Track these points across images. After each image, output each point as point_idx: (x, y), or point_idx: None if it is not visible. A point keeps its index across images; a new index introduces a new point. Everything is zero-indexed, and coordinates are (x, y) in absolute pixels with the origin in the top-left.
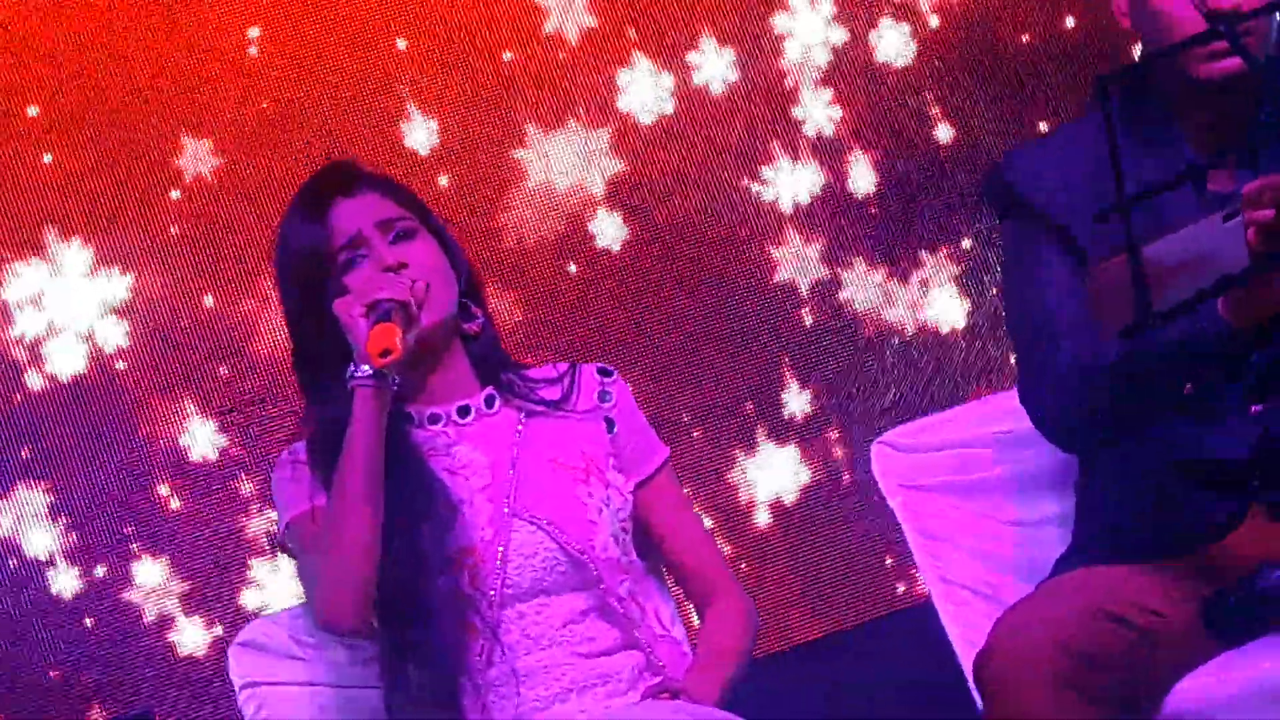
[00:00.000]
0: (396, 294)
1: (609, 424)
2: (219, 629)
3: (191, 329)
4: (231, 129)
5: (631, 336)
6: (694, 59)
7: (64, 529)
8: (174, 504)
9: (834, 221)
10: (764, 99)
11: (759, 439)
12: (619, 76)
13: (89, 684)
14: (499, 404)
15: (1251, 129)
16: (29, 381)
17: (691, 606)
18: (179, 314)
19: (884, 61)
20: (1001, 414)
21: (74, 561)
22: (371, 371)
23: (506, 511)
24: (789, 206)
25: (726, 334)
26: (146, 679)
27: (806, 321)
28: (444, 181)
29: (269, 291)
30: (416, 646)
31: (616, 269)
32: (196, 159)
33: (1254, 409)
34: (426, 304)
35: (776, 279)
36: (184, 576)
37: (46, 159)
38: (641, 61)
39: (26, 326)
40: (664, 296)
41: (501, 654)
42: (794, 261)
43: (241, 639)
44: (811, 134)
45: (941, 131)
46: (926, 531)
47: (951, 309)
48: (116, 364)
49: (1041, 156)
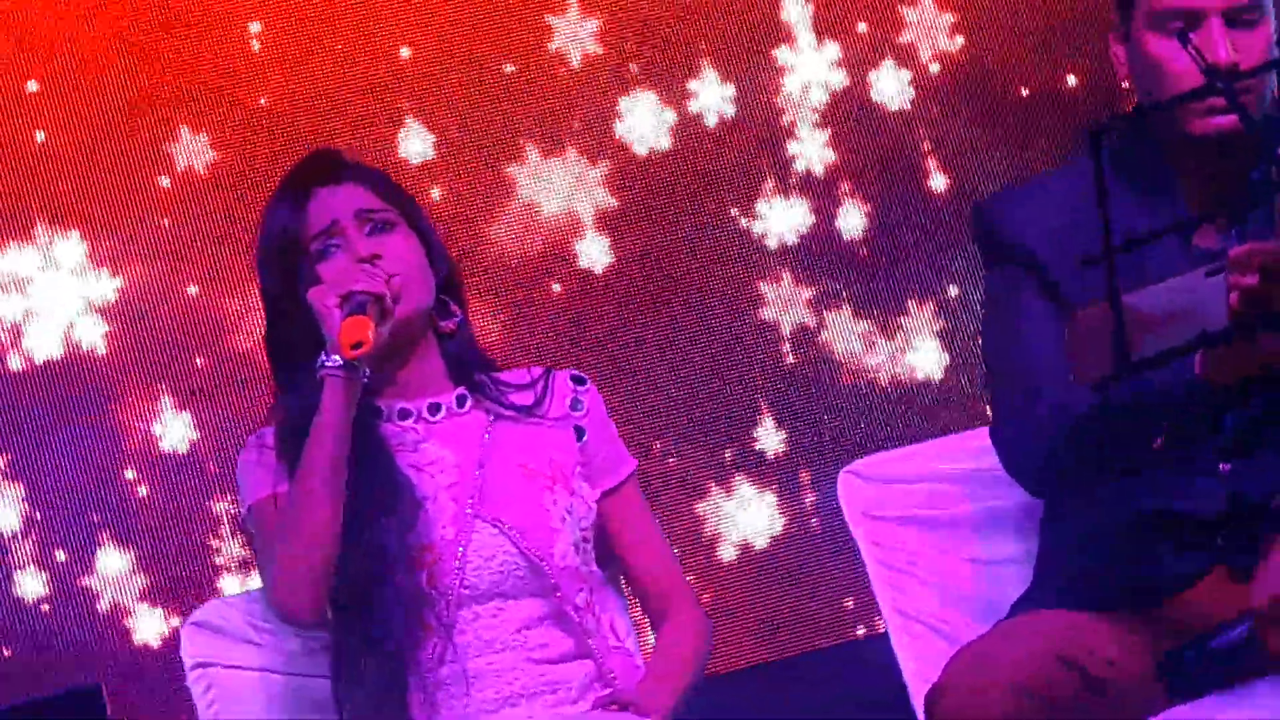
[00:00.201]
0: (372, 287)
1: (579, 432)
2: (176, 621)
3: (171, 318)
4: (225, 121)
5: (610, 358)
6: (694, 86)
7: (26, 509)
8: (141, 491)
9: (820, 261)
10: (759, 134)
11: (731, 473)
12: (619, 104)
13: (40, 666)
14: (470, 404)
15: (1242, 187)
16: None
17: (647, 620)
18: (161, 301)
19: (881, 103)
20: (971, 451)
21: (36, 543)
22: (342, 362)
23: (469, 512)
24: (775, 243)
25: (705, 365)
26: (100, 659)
27: (787, 359)
28: (435, 194)
29: (252, 285)
30: (370, 640)
31: (600, 290)
32: (189, 149)
33: (1223, 467)
34: (400, 298)
35: (761, 315)
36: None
37: (39, 137)
38: (642, 91)
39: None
40: (645, 321)
41: (454, 654)
42: (778, 299)
43: (196, 618)
44: (802, 170)
45: (936, 180)
46: (887, 563)
47: (932, 359)
48: (96, 349)
49: (1028, 200)
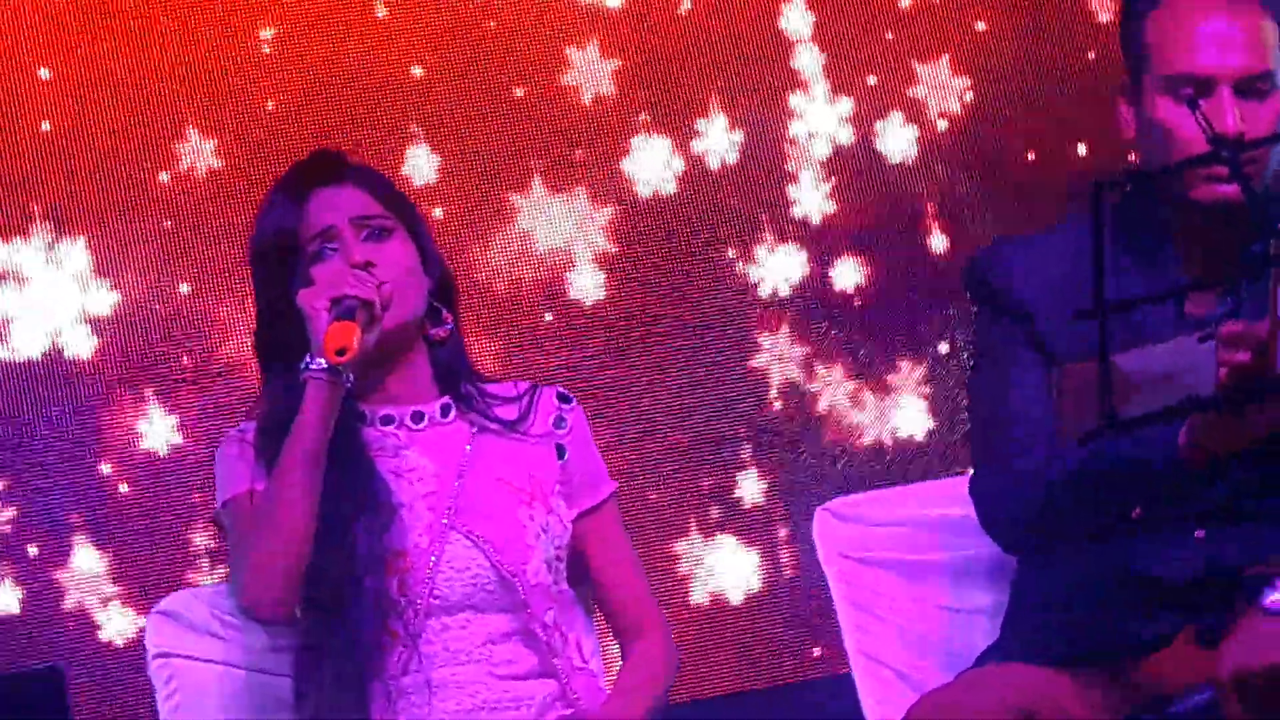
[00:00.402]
0: (363, 293)
1: (560, 450)
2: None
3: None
4: (231, 123)
5: (596, 390)
6: (701, 126)
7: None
8: (122, 488)
9: (814, 312)
10: (763, 182)
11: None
12: (629, 142)
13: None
14: (454, 414)
15: (1239, 257)
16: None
17: (616, 642)
18: (154, 299)
19: (885, 154)
20: (949, 498)
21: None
22: (326, 366)
23: (445, 522)
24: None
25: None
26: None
27: (774, 406)
28: (438, 213)
29: (244, 288)
30: (335, 643)
31: (593, 322)
32: (192, 149)
33: (1198, 534)
34: (391, 306)
35: (752, 363)
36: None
37: (45, 127)
38: (651, 136)
39: None
40: (635, 357)
41: (419, 663)
42: (770, 349)
43: (162, 607)
44: (799, 216)
45: (936, 240)
46: (857, 603)
47: (919, 419)
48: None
49: (1025, 251)
